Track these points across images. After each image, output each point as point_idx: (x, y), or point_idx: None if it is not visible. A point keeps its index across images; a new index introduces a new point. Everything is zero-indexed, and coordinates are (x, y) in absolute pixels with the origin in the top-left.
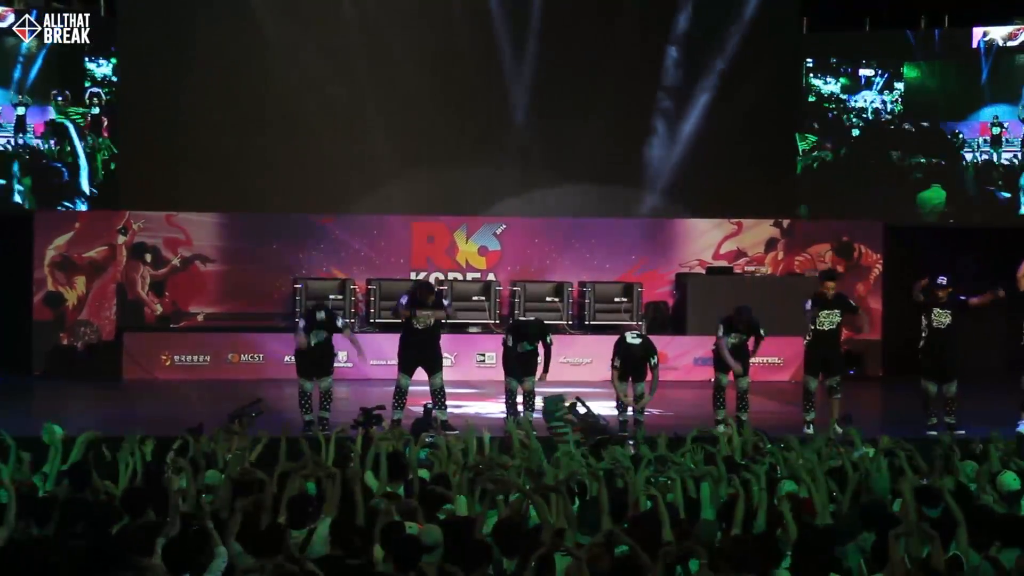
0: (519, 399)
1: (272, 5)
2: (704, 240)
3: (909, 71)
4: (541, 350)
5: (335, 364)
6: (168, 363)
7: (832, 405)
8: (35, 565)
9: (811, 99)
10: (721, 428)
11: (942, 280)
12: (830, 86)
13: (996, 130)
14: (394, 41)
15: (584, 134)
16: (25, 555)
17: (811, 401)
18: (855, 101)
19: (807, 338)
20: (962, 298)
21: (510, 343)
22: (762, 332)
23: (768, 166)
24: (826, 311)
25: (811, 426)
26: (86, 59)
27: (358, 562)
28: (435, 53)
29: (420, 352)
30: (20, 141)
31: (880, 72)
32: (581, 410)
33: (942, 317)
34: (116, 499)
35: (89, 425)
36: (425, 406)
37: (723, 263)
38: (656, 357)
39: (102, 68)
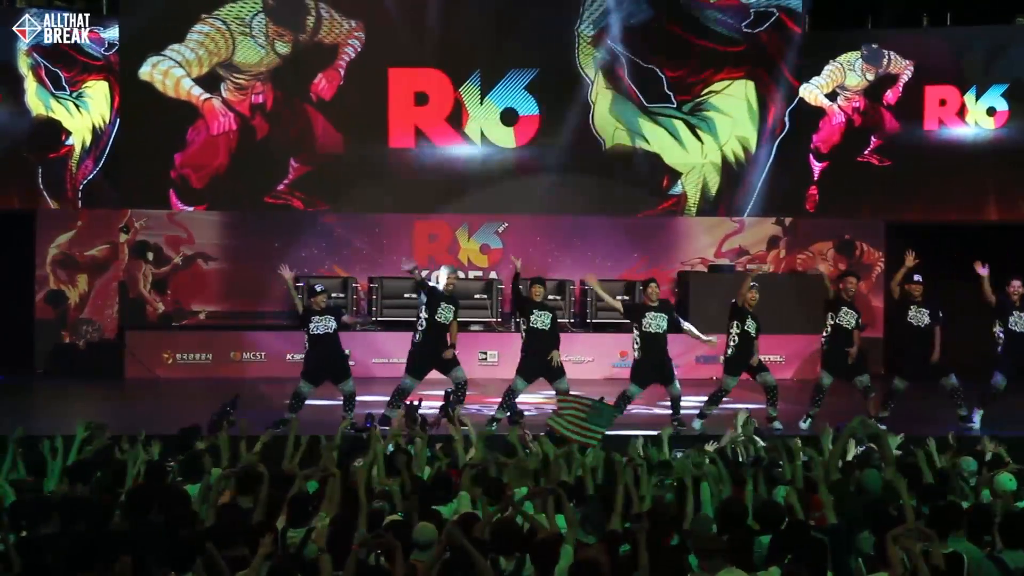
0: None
1: (270, 5)
2: (706, 238)
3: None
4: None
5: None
6: (170, 361)
7: (868, 404)
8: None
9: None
10: (697, 424)
11: (918, 277)
12: (822, 84)
13: (991, 122)
14: (397, 38)
15: (586, 130)
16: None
17: (819, 397)
18: (851, 99)
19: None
20: None
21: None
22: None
23: (770, 164)
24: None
25: (808, 419)
26: (86, 58)
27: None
28: (436, 50)
29: (435, 354)
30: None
31: (870, 68)
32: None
33: (920, 315)
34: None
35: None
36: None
37: (725, 261)
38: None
39: (97, 67)
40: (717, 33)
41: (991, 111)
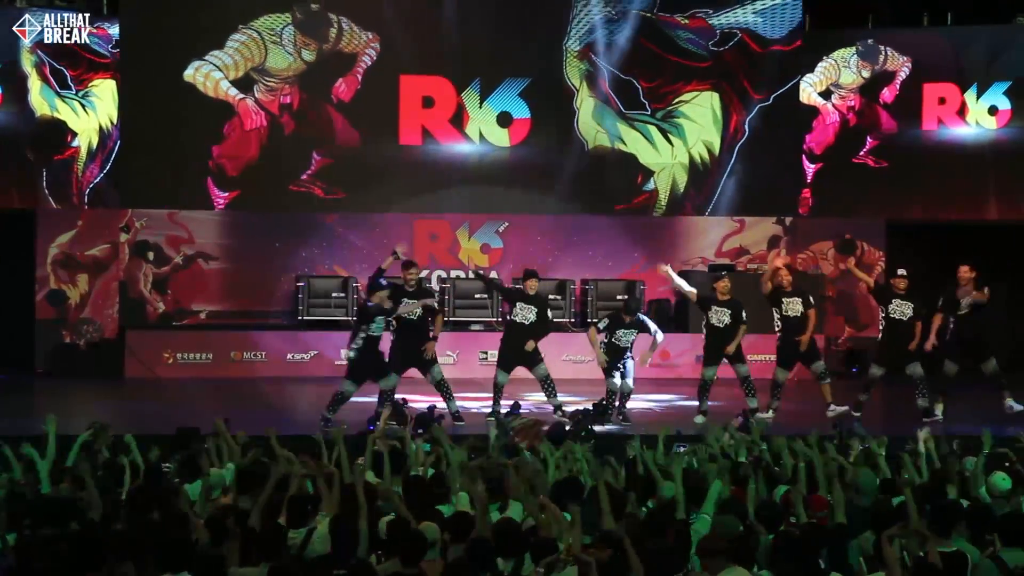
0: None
1: (298, 18)
2: (707, 238)
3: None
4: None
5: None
6: (170, 361)
7: (823, 390)
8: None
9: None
10: (699, 419)
11: (903, 271)
12: (816, 82)
13: (992, 121)
14: (408, 48)
15: (570, 133)
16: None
17: (777, 391)
18: (846, 97)
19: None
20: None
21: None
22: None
23: (771, 164)
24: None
25: (771, 411)
26: (88, 58)
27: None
28: (442, 60)
29: (411, 350)
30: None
31: (866, 65)
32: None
33: (903, 308)
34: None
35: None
36: (431, 407)
37: (726, 260)
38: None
39: (104, 65)
40: (687, 50)
41: (993, 110)
